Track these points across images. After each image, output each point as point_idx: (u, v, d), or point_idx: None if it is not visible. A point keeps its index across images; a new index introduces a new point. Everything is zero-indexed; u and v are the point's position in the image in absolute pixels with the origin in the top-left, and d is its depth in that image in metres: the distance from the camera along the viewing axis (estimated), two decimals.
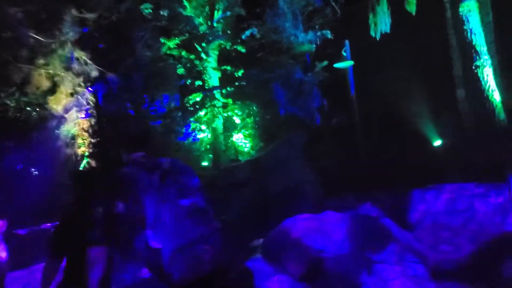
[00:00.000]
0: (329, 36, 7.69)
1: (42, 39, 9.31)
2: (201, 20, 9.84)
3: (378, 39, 7.33)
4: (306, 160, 7.88)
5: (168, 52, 9.97)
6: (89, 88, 10.43)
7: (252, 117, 10.39)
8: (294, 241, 4.07)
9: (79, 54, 10.00)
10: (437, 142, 7.41)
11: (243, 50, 9.89)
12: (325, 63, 7.46)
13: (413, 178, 7.08)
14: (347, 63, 7.52)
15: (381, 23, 7.09)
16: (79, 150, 10.23)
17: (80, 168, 10.03)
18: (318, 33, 7.62)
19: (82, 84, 10.29)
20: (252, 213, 7.08)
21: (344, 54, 7.63)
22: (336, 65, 7.59)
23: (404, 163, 7.45)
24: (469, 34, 6.69)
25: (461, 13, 6.72)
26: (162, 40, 9.87)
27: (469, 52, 6.81)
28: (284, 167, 7.57)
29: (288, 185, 7.33)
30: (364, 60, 7.64)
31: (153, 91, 10.59)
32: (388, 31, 7.14)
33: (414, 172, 7.20)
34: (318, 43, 7.57)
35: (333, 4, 7.70)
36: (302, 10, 7.90)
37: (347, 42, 7.86)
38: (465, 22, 6.69)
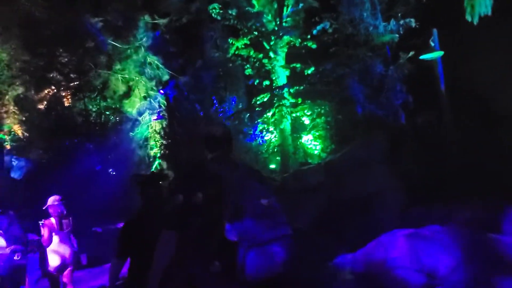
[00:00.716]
0: (413, 24, 6.88)
1: (118, 45, 9.80)
2: (269, 17, 9.56)
3: (475, 23, 6.38)
4: (387, 164, 7.14)
5: (236, 52, 9.86)
6: (161, 91, 10.75)
7: (323, 117, 9.84)
8: (397, 263, 3.49)
9: (151, 58, 10.41)
10: None
11: (314, 46, 9.40)
12: (411, 54, 6.67)
13: None
14: (436, 54, 6.67)
15: (480, 5, 6.14)
16: (151, 151, 10.58)
17: (151, 170, 10.32)
18: (401, 22, 6.86)
19: (154, 88, 10.69)
20: (326, 221, 6.56)
21: (432, 44, 6.78)
22: (423, 57, 6.77)
23: (503, 170, 6.38)
24: None
25: None
26: (230, 40, 9.80)
27: None
28: (362, 171, 6.95)
29: (366, 191, 6.69)
30: (456, 50, 6.71)
31: (222, 92, 10.57)
32: (489, 13, 6.16)
33: None
34: (401, 32, 6.80)
35: None
36: None
37: (435, 31, 6.98)
38: None
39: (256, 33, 9.43)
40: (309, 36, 9.44)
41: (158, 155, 10.55)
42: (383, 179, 6.84)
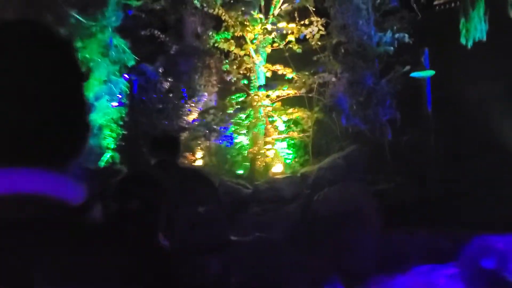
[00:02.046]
0: (407, 40, 6.82)
1: (82, 21, 9.03)
2: (256, 12, 9.21)
3: (469, 47, 6.41)
4: (366, 181, 6.99)
5: (215, 45, 9.39)
6: (125, 76, 10.05)
7: (299, 125, 9.59)
8: None
9: (118, 41, 9.77)
10: None
11: (299, 51, 9.16)
12: (407, 68, 6.58)
13: (495, 218, 6.08)
14: (427, 73, 6.63)
15: (475, 29, 6.17)
16: (104, 141, 9.86)
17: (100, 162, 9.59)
18: (397, 35, 6.77)
19: (117, 72, 10.03)
20: (301, 236, 6.24)
21: (423, 62, 6.74)
22: (414, 74, 6.71)
23: (485, 198, 6.44)
24: None
25: None
26: (211, 32, 9.32)
27: None
28: (340, 186, 6.72)
29: (343, 208, 6.46)
30: (446, 72, 6.72)
31: (195, 86, 10.03)
32: (484, 38, 6.21)
33: (496, 212, 6.17)
34: (395, 46, 6.71)
35: (413, 5, 6.84)
36: (376, 8, 7.09)
37: (426, 50, 6.97)
38: None
39: (239, 28, 9.02)
40: (294, 39, 9.21)
41: (112, 146, 9.83)
42: (361, 197, 6.66)
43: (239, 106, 9.97)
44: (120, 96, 10.04)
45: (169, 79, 10.03)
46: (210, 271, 2.87)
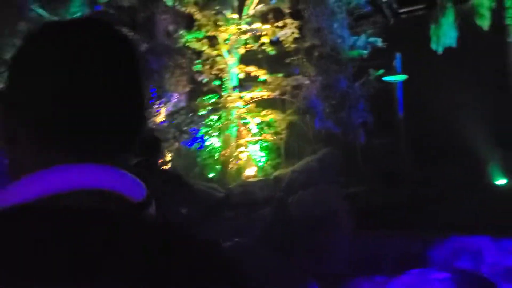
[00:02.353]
0: (380, 43, 6.93)
1: (45, 16, 8.60)
2: (229, 12, 9.09)
3: (439, 53, 6.59)
4: (339, 184, 7.01)
5: (186, 45, 9.17)
6: None
7: (272, 128, 9.54)
8: None
9: None
10: (501, 181, 6.59)
11: (272, 52, 9.12)
12: (381, 71, 6.66)
13: (464, 221, 6.25)
14: (399, 77, 6.75)
15: (446, 36, 6.36)
16: None
17: None
18: (371, 39, 6.86)
19: None
20: (272, 239, 6.15)
21: (396, 67, 6.87)
22: (386, 79, 6.82)
23: (455, 201, 6.61)
24: None
25: None
26: (182, 31, 9.10)
27: None
28: (313, 190, 6.70)
29: (317, 212, 6.44)
30: (417, 77, 6.87)
31: (164, 85, 9.75)
32: (454, 45, 6.40)
33: (468, 214, 6.35)
34: (369, 50, 6.79)
35: (385, 11, 6.96)
36: (350, 12, 7.16)
37: (398, 54, 7.11)
38: None
39: (213, 26, 8.86)
40: (268, 41, 9.16)
41: None
42: (333, 201, 6.67)
43: (210, 108, 9.79)
44: None
45: None
46: None
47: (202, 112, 9.81)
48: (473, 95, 6.95)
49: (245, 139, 9.66)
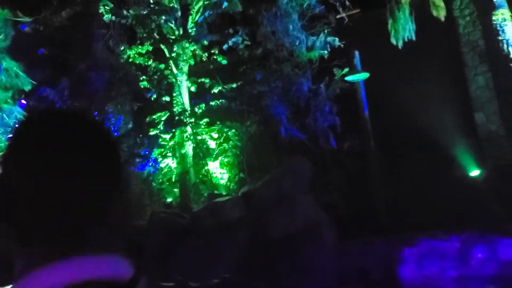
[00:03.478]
0: (337, 43, 6.74)
1: None
2: (172, 24, 8.50)
3: (399, 47, 6.52)
4: (312, 194, 6.62)
5: (130, 60, 8.42)
6: (23, 101, 8.63)
7: (231, 141, 9.01)
8: None
9: (9, 64, 8.52)
10: (474, 172, 6.58)
11: (224, 62, 8.66)
12: (345, 70, 6.43)
13: (449, 218, 6.14)
14: (362, 76, 6.58)
15: (404, 29, 6.29)
16: None
17: None
18: (329, 39, 6.64)
19: (9, 100, 8.74)
20: (253, 266, 5.58)
21: (356, 65, 6.69)
22: (349, 78, 6.62)
23: (433, 198, 6.50)
24: (505, 46, 6.09)
25: (494, 22, 6.12)
26: (122, 47, 8.34)
27: (504, 66, 6.18)
28: (287, 203, 6.24)
29: (295, 227, 5.98)
30: (377, 74, 6.75)
31: (109, 106, 8.89)
32: (413, 38, 6.36)
33: (450, 210, 6.24)
34: (329, 50, 6.56)
35: (339, 9, 6.82)
36: (303, 13, 6.93)
37: (356, 53, 6.96)
38: (500, 33, 6.10)
39: (157, 37, 8.22)
40: (216, 51, 8.69)
41: None
42: (311, 212, 6.26)
43: (162, 126, 9.07)
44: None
45: (76, 103, 8.80)
46: None
47: (153, 131, 9.07)
48: (437, 87, 6.96)
49: (203, 157, 9.03)
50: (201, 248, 5.92)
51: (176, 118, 8.65)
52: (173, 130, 8.92)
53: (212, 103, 8.77)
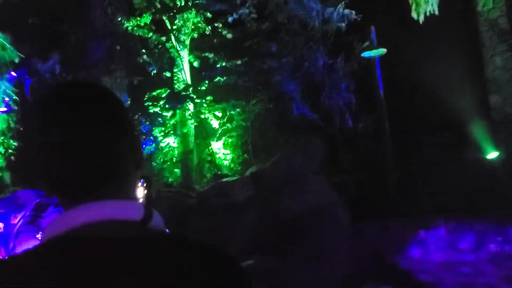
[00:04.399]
0: (354, 17, 6.43)
1: None
2: None
3: (421, 22, 6.22)
4: (325, 175, 6.40)
5: (130, 31, 7.98)
6: (13, 73, 8.21)
7: (235, 121, 8.70)
8: None
9: None
10: (492, 154, 6.40)
11: (229, 36, 8.28)
12: (366, 44, 6.12)
13: (467, 201, 5.97)
14: (378, 52, 6.29)
15: (426, 2, 5.99)
16: None
17: None
18: (346, 11, 6.31)
19: None
20: (263, 246, 5.36)
21: (366, 43, 6.40)
22: (365, 54, 6.33)
23: (449, 181, 6.32)
24: None
25: None
26: (119, 17, 7.89)
27: None
28: (298, 184, 6.03)
29: (306, 208, 5.77)
30: (396, 50, 6.47)
31: (103, 80, 8.49)
32: (436, 12, 6.07)
33: (466, 193, 6.07)
34: (346, 23, 6.24)
35: None
36: None
37: (372, 28, 6.66)
38: None
39: (158, 6, 7.79)
40: (220, 25, 8.30)
41: (2, 164, 8.00)
42: (323, 193, 6.04)
43: (161, 103, 8.71)
44: (7, 100, 8.23)
45: (70, 76, 8.41)
46: None
47: (153, 109, 8.71)
48: (454, 67, 6.71)
49: (206, 136, 8.72)
50: (209, 229, 5.68)
51: (175, 98, 8.27)
52: (175, 107, 8.56)
53: (216, 80, 8.42)
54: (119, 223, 0.74)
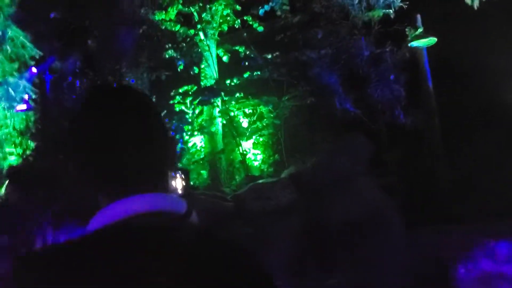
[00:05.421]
0: (399, 3, 5.91)
1: None
2: None
3: (475, 8, 5.67)
4: (371, 176, 5.89)
5: (158, 25, 7.60)
6: (33, 70, 7.93)
7: (265, 120, 8.26)
8: None
9: (15, 32, 7.88)
10: None
11: (261, 29, 7.84)
12: (420, 30, 5.61)
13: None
14: (428, 41, 5.76)
15: None
16: (6, 161, 7.80)
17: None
18: None
19: (15, 73, 8.14)
20: (308, 256, 4.88)
21: (420, 30, 5.86)
22: (414, 44, 5.80)
23: (507, 183, 5.74)
24: None
25: None
26: (147, 9, 7.51)
27: None
28: (345, 186, 5.52)
29: (357, 212, 5.26)
30: (443, 40, 5.92)
31: (128, 77, 8.13)
32: None
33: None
34: (394, 8, 5.73)
35: None
36: None
37: (418, 16, 6.13)
38: None
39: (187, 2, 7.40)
40: (250, 19, 7.87)
41: (20, 164, 7.73)
42: (373, 196, 5.53)
43: (188, 101, 8.31)
44: (26, 99, 7.99)
45: (92, 74, 8.12)
46: None
47: (179, 107, 8.31)
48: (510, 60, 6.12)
49: (235, 136, 8.28)
50: (248, 235, 5.22)
51: (207, 91, 7.85)
52: (206, 102, 8.13)
53: (247, 75, 7.98)
54: (166, 214, 0.81)
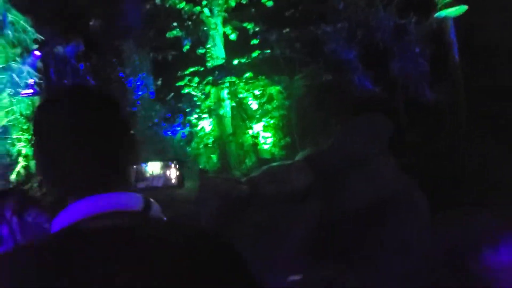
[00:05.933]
0: None
1: None
2: None
3: None
4: (389, 156, 5.55)
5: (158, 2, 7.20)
6: (36, 53, 7.69)
7: (275, 101, 7.90)
8: None
9: (15, 17, 7.65)
10: None
11: (270, 4, 7.42)
12: None
13: None
14: (457, 10, 5.32)
15: None
16: (14, 147, 7.65)
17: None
18: None
19: (18, 58, 7.94)
20: (334, 244, 4.60)
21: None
22: (442, 13, 5.37)
23: None
24: None
25: None
26: None
27: None
28: (366, 168, 5.20)
29: (379, 195, 4.95)
30: (476, 10, 5.48)
31: (133, 62, 7.81)
32: None
33: None
34: None
35: None
36: None
37: None
38: None
39: None
40: None
41: (26, 152, 7.53)
42: (395, 177, 5.21)
43: (195, 84, 7.96)
44: (32, 83, 7.80)
45: (96, 57, 7.84)
46: None
47: (186, 90, 7.98)
48: None
49: (245, 118, 7.94)
50: (264, 221, 4.95)
51: (217, 72, 7.49)
52: (209, 87, 7.79)
53: (256, 54, 7.59)
54: (121, 214, 0.82)
